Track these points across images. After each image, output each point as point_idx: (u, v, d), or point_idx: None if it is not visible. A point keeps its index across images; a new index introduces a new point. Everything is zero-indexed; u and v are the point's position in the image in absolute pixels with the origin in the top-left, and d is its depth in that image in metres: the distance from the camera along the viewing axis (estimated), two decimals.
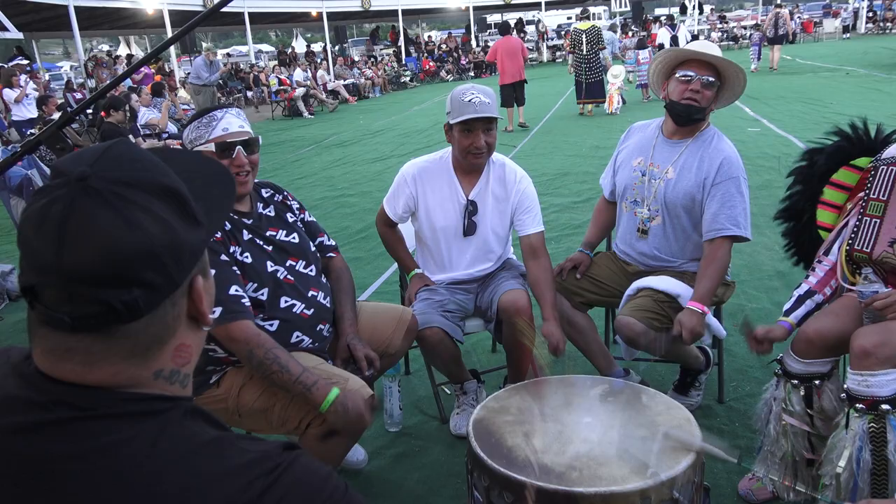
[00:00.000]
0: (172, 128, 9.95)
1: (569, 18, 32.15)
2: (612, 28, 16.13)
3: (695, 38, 14.25)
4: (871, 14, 30.15)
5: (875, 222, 2.06)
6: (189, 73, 14.58)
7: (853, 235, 2.10)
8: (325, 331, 2.18)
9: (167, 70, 18.29)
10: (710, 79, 2.52)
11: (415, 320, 2.43)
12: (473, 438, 1.68)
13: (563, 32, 28.70)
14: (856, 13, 30.58)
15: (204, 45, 20.69)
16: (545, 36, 31.07)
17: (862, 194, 2.14)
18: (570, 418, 1.78)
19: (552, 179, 7.36)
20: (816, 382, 2.10)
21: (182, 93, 14.45)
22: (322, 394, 1.88)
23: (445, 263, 2.79)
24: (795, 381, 2.12)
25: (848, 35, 28.18)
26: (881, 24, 29.20)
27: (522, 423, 1.77)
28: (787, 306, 2.24)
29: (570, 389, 1.94)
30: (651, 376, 2.95)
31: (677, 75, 2.56)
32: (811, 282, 2.23)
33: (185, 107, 12.67)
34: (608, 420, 1.77)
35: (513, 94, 11.28)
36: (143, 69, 14.35)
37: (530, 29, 32.87)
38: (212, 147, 2.01)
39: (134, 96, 10.21)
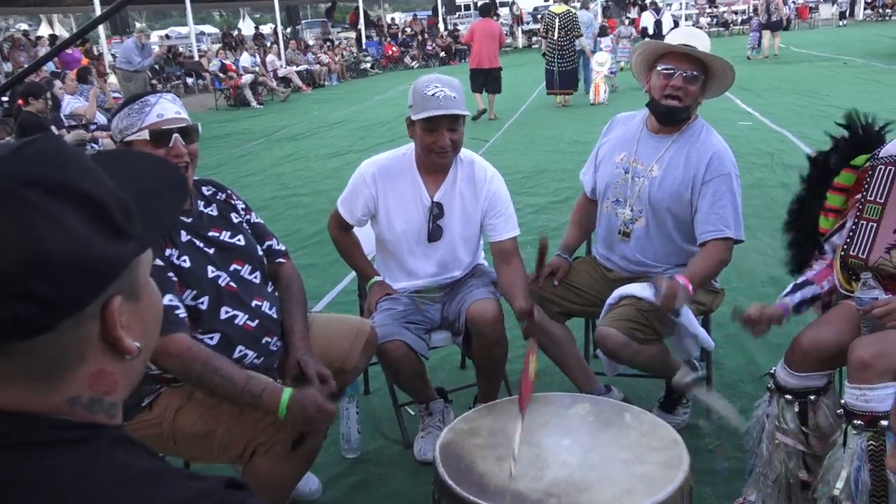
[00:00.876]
0: (101, 118, 9.77)
1: (546, 1, 32.46)
2: (585, 5, 15.99)
3: (678, 24, 14.51)
4: (869, 0, 31.04)
5: (872, 226, 2.11)
6: (118, 58, 14.35)
7: (848, 240, 2.16)
8: (273, 344, 2.17)
9: (96, 53, 17.98)
10: (694, 73, 2.56)
11: (374, 333, 2.42)
12: (441, 464, 1.68)
13: (539, 16, 28.95)
14: None
15: (137, 25, 20.36)
16: (520, 19, 31.32)
17: (859, 196, 2.19)
18: (548, 440, 1.80)
19: (527, 177, 7.41)
20: (812, 398, 2.14)
21: (112, 79, 14.21)
22: (275, 400, 1.90)
23: (409, 270, 2.79)
24: (789, 397, 2.16)
25: (844, 22, 28.95)
26: (880, 11, 30.07)
27: (495, 447, 1.78)
28: (783, 293, 2.28)
29: (547, 409, 1.96)
30: (635, 393, 2.98)
31: (658, 68, 2.59)
32: (808, 275, 2.29)
33: (116, 94, 12.46)
34: (589, 442, 1.79)
35: (482, 81, 11.55)
36: (68, 51, 14.10)
37: (504, 11, 33.09)
38: (145, 135, 1.98)
39: (57, 82, 10.02)
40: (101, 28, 19.81)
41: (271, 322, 2.17)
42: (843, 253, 2.17)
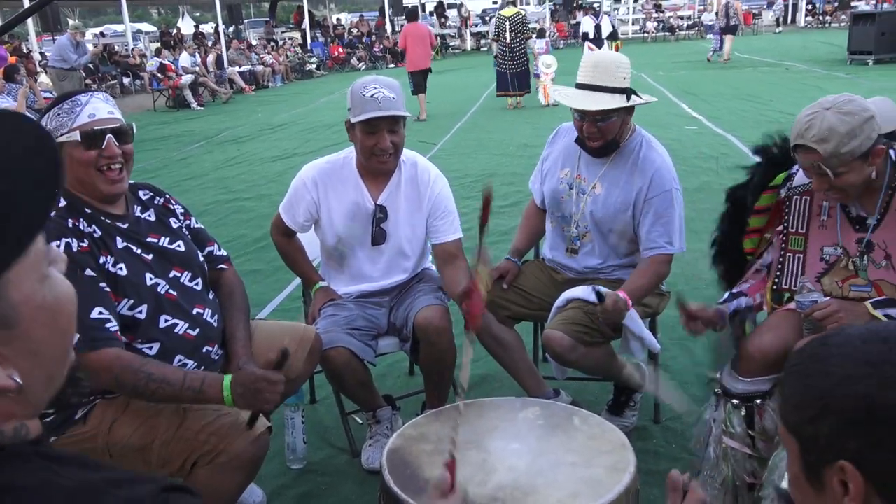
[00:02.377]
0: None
1: (494, 3, 32.70)
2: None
3: (612, 34, 14.79)
4: (810, 7, 32.16)
5: (798, 258, 2.20)
6: (50, 56, 13.95)
7: (778, 273, 2.24)
8: (214, 353, 2.14)
9: (25, 51, 17.43)
10: (606, 116, 2.53)
11: (319, 340, 2.41)
12: (387, 470, 1.68)
13: (487, 18, 29.15)
14: (795, 5, 32.60)
15: (70, 22, 19.81)
16: (468, 22, 31.50)
17: (781, 227, 2.27)
18: (496, 445, 1.81)
19: (476, 181, 7.45)
20: (758, 402, 2.20)
21: (43, 78, 13.80)
22: (216, 389, 1.89)
23: (354, 274, 2.78)
24: (736, 401, 2.22)
25: (780, 29, 29.87)
26: (820, 18, 31.17)
27: (443, 453, 1.78)
28: (720, 300, 2.36)
29: (496, 413, 1.97)
30: (583, 396, 3.03)
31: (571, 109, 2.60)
32: (743, 287, 2.37)
33: (47, 94, 12.10)
34: (537, 446, 1.81)
35: (423, 82, 12.11)
36: None
37: (452, 13, 33.24)
38: (76, 137, 1.93)
39: None
40: (30, 25, 19.23)
41: (212, 330, 2.14)
42: (774, 286, 2.25)
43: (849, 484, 0.81)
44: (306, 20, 27.19)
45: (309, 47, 25.88)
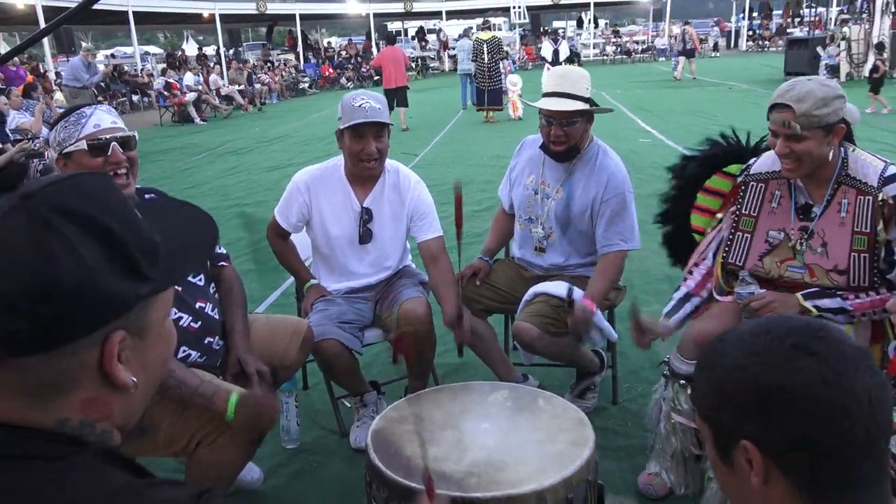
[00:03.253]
0: (47, 132, 9.35)
1: (468, 28, 32.73)
2: (467, 34, 15.99)
3: (571, 57, 14.84)
4: (751, 32, 32.60)
5: (747, 237, 2.23)
6: (64, 75, 13.77)
7: (727, 249, 2.27)
8: (215, 344, 2.12)
9: (41, 71, 17.19)
10: (572, 119, 2.56)
11: (310, 332, 2.40)
12: (372, 449, 1.68)
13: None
14: (738, 31, 33.04)
15: (84, 44, 19.58)
16: (446, 45, 31.53)
17: (734, 208, 2.30)
18: (469, 425, 1.82)
19: (453, 189, 7.45)
20: None
21: (58, 95, 13.62)
22: (223, 405, 1.85)
23: (342, 272, 2.78)
24: (683, 382, 2.25)
25: (717, 53, 30.17)
26: (760, 42, 31.59)
27: (421, 432, 1.79)
28: (667, 308, 2.38)
29: (469, 396, 1.98)
30: (550, 381, 3.04)
31: (539, 114, 2.63)
32: (689, 285, 2.38)
33: (62, 110, 11.95)
34: (506, 425, 1.82)
35: (394, 99, 12.29)
36: (11, 67, 13.45)
37: (431, 38, 33.24)
38: (83, 146, 1.89)
39: (2, 98, 9.54)
40: (46, 46, 18.99)
41: (213, 323, 2.13)
42: (722, 260, 2.28)
43: (752, 461, 0.84)
44: (300, 43, 27.07)
45: (302, 68, 25.76)
